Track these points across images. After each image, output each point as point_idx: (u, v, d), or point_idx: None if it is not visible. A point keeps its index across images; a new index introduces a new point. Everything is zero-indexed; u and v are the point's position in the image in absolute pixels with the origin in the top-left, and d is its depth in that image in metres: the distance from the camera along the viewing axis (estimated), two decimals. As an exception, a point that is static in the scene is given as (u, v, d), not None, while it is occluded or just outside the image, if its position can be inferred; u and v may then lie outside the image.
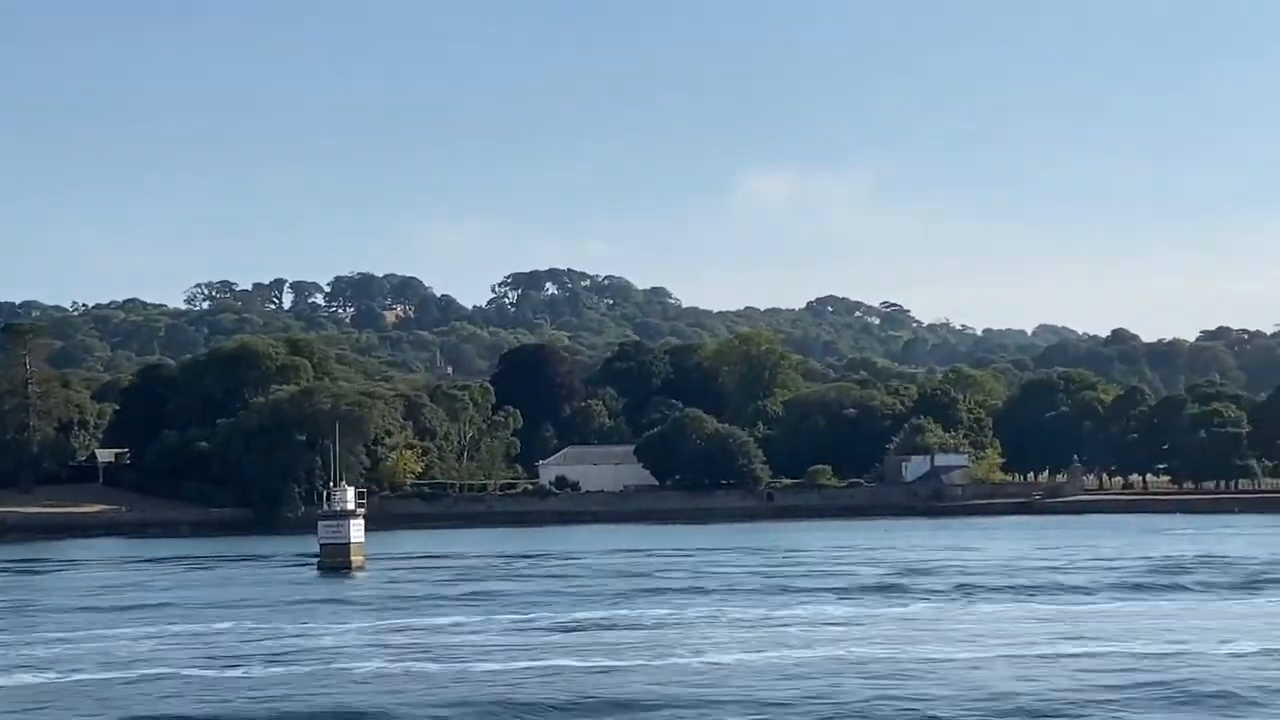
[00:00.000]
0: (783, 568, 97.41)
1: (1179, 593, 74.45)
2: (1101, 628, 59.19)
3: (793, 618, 64.75)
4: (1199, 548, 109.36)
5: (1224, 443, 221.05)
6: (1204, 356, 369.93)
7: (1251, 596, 71.92)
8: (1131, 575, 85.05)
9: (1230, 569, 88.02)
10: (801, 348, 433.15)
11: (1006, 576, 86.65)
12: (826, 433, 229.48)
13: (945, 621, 62.75)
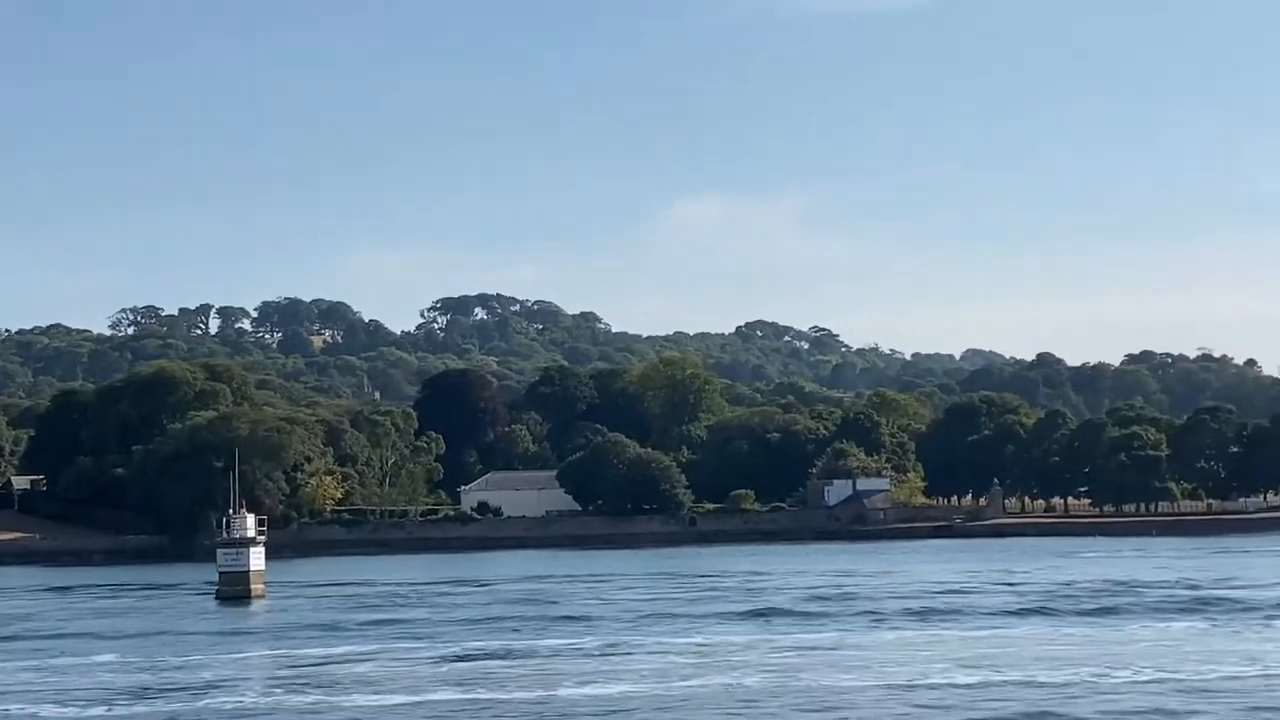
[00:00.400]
0: (694, 593, 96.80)
1: (1070, 618, 74.30)
2: (990, 654, 58.87)
3: (688, 646, 64.02)
4: (1103, 571, 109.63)
5: (1143, 466, 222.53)
6: (1127, 380, 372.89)
7: (1122, 623, 71.61)
8: (1035, 600, 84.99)
9: (1134, 593, 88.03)
10: (731, 373, 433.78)
11: (913, 601, 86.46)
12: (750, 457, 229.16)
13: (844, 649, 62.22)
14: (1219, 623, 69.96)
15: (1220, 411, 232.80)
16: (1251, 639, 62.52)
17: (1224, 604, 78.91)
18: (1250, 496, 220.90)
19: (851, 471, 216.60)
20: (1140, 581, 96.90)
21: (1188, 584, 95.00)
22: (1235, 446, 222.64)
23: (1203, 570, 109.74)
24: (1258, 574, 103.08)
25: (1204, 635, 65.04)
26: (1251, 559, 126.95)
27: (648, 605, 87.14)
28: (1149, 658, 55.88)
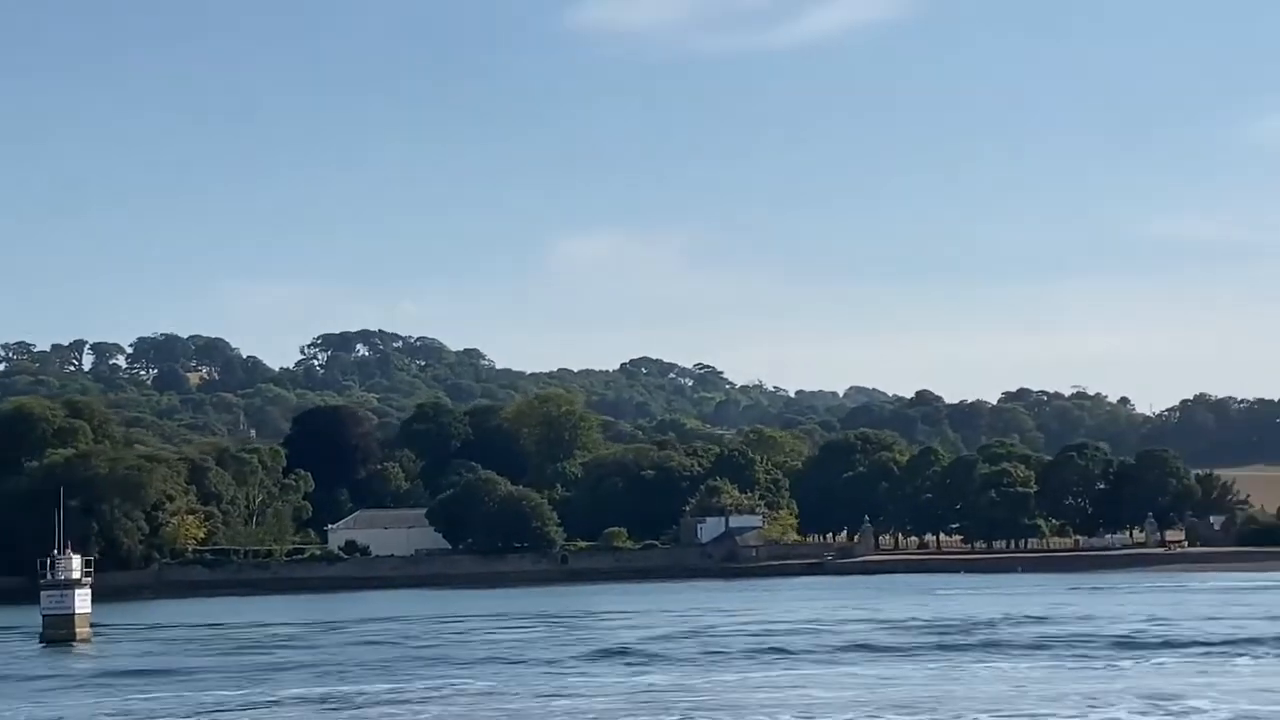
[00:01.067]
0: (536, 632, 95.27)
1: (905, 656, 73.63)
2: (812, 695, 57.86)
3: (521, 692, 61.95)
4: (952, 608, 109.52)
5: (1012, 503, 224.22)
6: (1004, 417, 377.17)
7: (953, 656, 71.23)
8: (879, 637, 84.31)
9: (975, 631, 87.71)
10: (614, 410, 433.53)
11: (757, 639, 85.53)
12: (624, 494, 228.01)
13: (676, 691, 60.73)
14: (1062, 660, 69.69)
15: (1087, 449, 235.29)
16: (1093, 678, 61.99)
17: (1070, 641, 78.60)
18: (1116, 533, 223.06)
19: (724, 509, 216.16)
20: (987, 619, 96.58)
21: (1038, 620, 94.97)
22: (1102, 483, 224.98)
23: (1056, 607, 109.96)
24: (1110, 610, 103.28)
25: (1048, 673, 64.36)
26: (1106, 596, 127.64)
27: (488, 649, 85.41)
28: (984, 699, 54.93)
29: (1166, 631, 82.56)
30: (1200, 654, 69.26)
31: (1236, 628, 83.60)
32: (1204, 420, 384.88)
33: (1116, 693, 54.52)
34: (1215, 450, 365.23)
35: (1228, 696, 51.51)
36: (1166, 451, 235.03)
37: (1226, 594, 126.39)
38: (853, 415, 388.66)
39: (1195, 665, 63.97)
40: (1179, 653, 70.45)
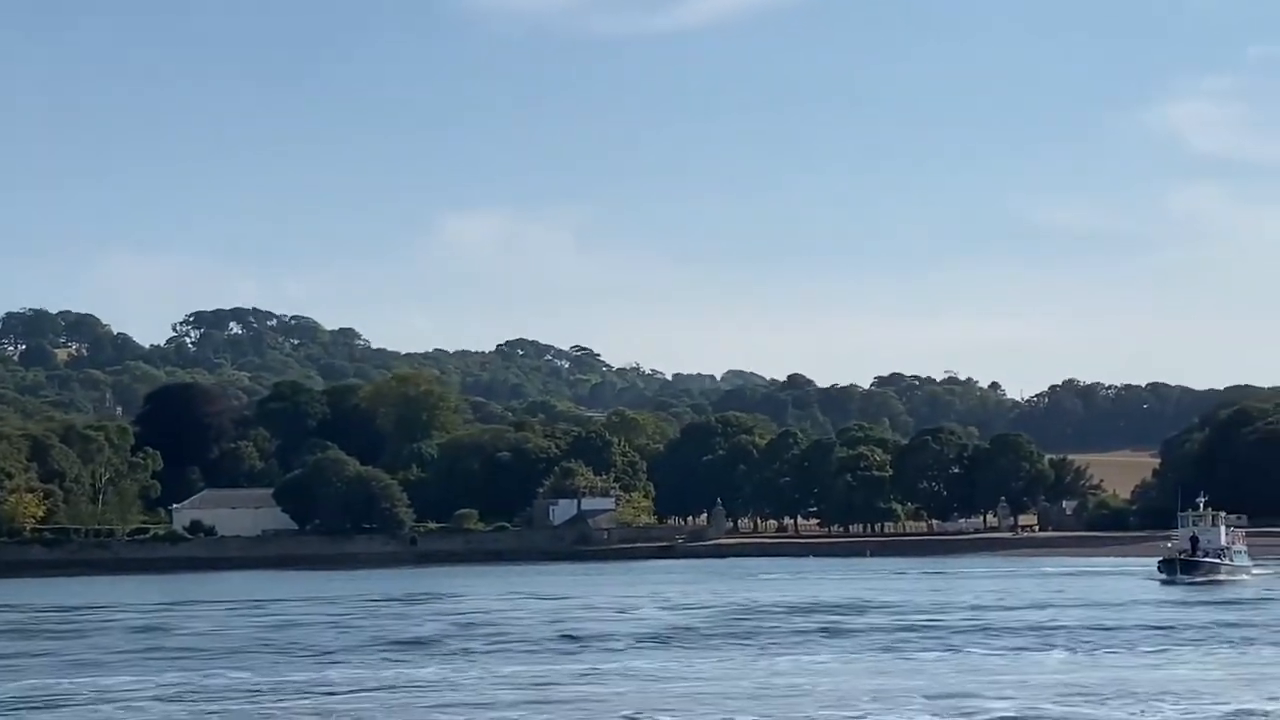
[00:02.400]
0: (333, 616, 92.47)
1: (695, 646, 70.39)
2: (586, 692, 54.84)
3: (286, 685, 57.53)
4: (770, 595, 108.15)
5: (868, 486, 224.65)
6: (875, 401, 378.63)
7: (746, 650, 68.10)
8: (683, 624, 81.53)
9: (790, 617, 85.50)
10: (489, 391, 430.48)
11: (548, 625, 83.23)
12: (480, 476, 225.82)
13: (444, 687, 56.79)
14: (861, 651, 65.49)
15: (942, 433, 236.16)
16: (888, 671, 56.75)
17: (877, 630, 75.55)
18: (970, 518, 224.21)
19: (577, 491, 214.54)
20: (804, 604, 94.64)
21: (853, 609, 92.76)
22: (956, 468, 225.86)
23: (877, 593, 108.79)
24: (934, 596, 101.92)
25: (842, 665, 59.05)
26: (937, 580, 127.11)
27: (251, 634, 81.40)
28: (755, 696, 49.64)
29: (985, 619, 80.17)
30: (1014, 645, 65.96)
31: (1058, 615, 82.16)
32: (1072, 406, 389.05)
33: (907, 690, 49.71)
34: (1082, 435, 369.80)
35: (1027, 693, 47.88)
36: (1020, 436, 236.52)
37: (1060, 579, 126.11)
38: (725, 399, 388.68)
39: (1004, 658, 60.26)
40: (990, 643, 67.11)
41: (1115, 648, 63.46)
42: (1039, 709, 44.89)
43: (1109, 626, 74.25)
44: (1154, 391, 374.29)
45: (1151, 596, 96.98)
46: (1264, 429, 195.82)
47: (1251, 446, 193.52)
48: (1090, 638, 68.01)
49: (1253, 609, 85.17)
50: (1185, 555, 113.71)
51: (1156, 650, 61.88)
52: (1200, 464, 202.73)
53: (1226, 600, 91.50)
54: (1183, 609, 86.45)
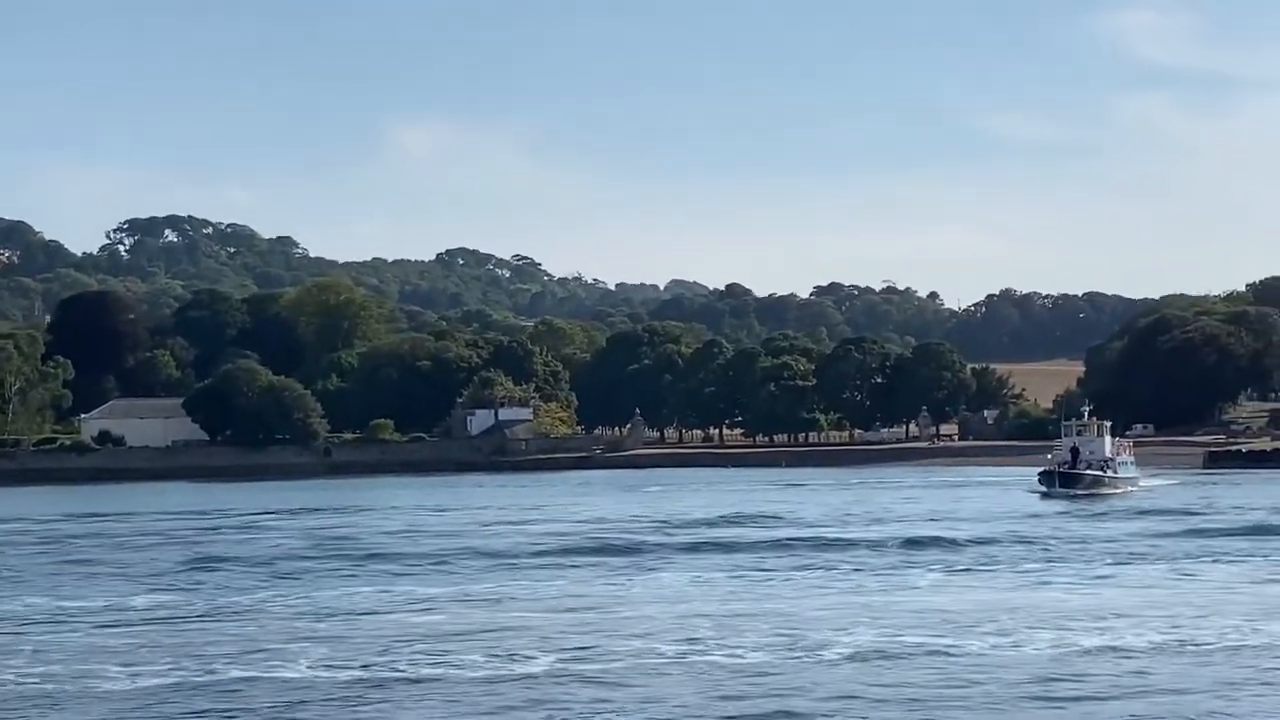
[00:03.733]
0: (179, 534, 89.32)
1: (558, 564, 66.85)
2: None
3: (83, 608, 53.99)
4: (658, 508, 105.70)
5: (791, 396, 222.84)
6: (812, 311, 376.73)
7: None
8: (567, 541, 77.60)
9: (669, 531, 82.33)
10: (428, 300, 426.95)
11: (408, 543, 79.86)
12: (399, 386, 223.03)
13: (252, 615, 53.07)
14: (720, 569, 60.82)
15: (865, 342, 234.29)
16: (739, 595, 50.45)
17: (744, 546, 70.85)
18: (892, 427, 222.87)
19: (495, 401, 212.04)
20: (694, 519, 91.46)
21: (732, 522, 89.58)
22: (879, 377, 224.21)
23: (765, 504, 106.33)
24: (817, 510, 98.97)
25: (697, 588, 52.71)
26: (833, 493, 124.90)
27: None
28: (595, 625, 43.32)
29: (859, 534, 75.88)
30: (888, 563, 60.92)
31: (931, 528, 78.42)
32: (1008, 315, 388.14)
33: (752, 617, 43.80)
34: (1018, 345, 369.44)
35: (882, 621, 42.56)
36: (943, 346, 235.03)
37: (955, 489, 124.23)
38: (662, 308, 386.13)
39: (872, 578, 54.63)
40: (857, 559, 62.65)
41: (982, 567, 59.15)
42: (895, 640, 39.27)
43: (982, 540, 71.12)
44: (1090, 301, 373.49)
45: (1028, 509, 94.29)
46: (1180, 337, 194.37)
47: (1167, 355, 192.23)
48: (960, 556, 63.85)
49: (1125, 521, 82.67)
50: (1065, 467, 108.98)
51: (1021, 571, 56.83)
52: (1119, 373, 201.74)
53: (1100, 514, 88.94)
54: (1060, 521, 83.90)
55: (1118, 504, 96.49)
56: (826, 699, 32.15)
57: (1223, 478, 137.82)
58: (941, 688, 33.14)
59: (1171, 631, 40.09)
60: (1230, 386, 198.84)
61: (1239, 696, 31.76)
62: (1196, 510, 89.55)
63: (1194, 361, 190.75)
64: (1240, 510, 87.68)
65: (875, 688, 33.20)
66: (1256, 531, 73.32)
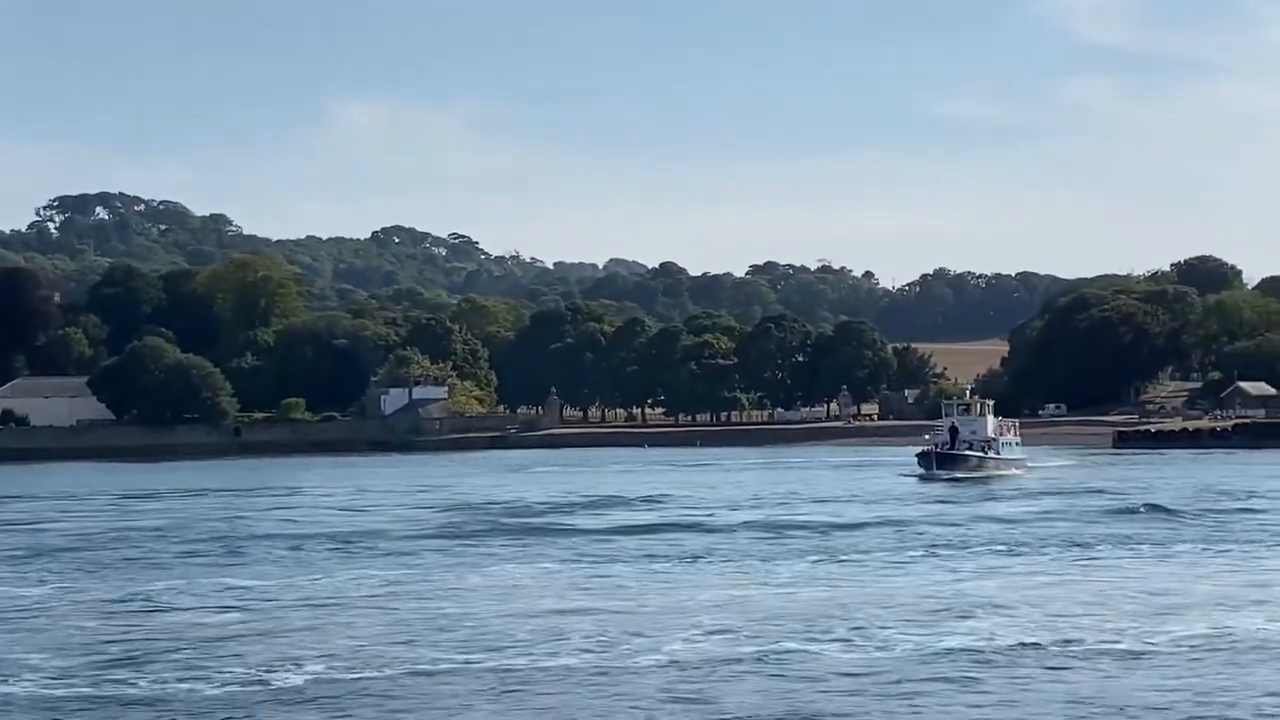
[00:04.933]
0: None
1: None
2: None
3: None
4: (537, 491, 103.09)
5: (712, 375, 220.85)
6: (746, 290, 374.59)
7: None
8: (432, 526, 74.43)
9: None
10: (362, 279, 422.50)
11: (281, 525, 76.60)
12: (315, 364, 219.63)
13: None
14: (545, 557, 57.42)
15: (786, 320, 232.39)
16: (538, 593, 44.60)
17: (577, 533, 67.88)
18: (813, 406, 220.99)
19: (410, 379, 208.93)
20: (563, 501, 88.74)
21: (602, 503, 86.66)
22: (800, 356, 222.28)
23: (651, 486, 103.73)
24: (698, 493, 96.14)
25: (538, 576, 48.63)
26: (734, 474, 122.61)
27: None
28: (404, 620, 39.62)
29: (733, 518, 72.69)
30: (747, 550, 55.93)
31: (802, 511, 75.56)
32: (943, 295, 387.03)
33: (581, 615, 39.14)
34: (953, 324, 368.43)
35: (719, 619, 38.02)
36: (864, 324, 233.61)
37: (860, 470, 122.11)
38: (596, 287, 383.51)
39: (725, 567, 50.43)
40: (718, 546, 58.86)
41: (848, 555, 54.97)
42: (729, 646, 34.43)
43: (847, 524, 68.04)
44: (1024, 281, 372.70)
45: (903, 491, 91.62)
46: (1096, 316, 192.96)
47: (1084, 334, 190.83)
48: (827, 542, 59.67)
49: (1004, 504, 79.69)
50: (943, 448, 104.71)
51: (886, 561, 51.82)
52: (1038, 352, 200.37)
53: (978, 497, 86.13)
54: (934, 506, 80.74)
55: (998, 487, 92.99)
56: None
57: (1125, 458, 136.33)
58: (765, 700, 28.70)
59: (1007, 629, 36.14)
60: (1147, 366, 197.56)
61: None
62: (1082, 491, 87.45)
63: (1110, 341, 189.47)
64: (1124, 494, 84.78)
65: (694, 706, 28.38)
66: (1130, 514, 70.92)
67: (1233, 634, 35.24)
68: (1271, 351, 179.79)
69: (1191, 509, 72.91)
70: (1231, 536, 59.50)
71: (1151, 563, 51.00)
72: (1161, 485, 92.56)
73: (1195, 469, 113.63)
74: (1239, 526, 63.89)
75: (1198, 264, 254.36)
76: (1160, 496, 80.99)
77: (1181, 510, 72.11)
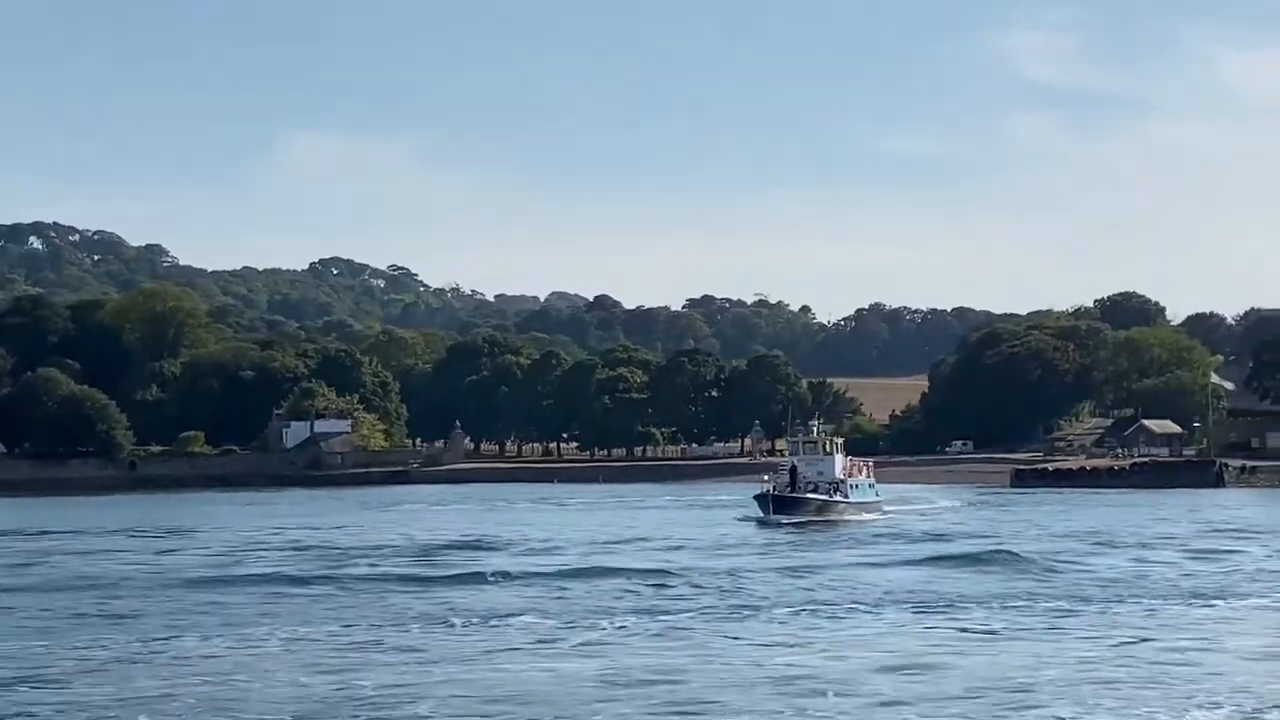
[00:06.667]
0: None
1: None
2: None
3: None
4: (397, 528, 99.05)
5: (625, 409, 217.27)
6: (681, 324, 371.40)
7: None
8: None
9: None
10: (296, 311, 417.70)
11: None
12: (220, 396, 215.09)
13: None
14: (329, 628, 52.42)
15: (699, 354, 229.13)
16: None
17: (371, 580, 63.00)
18: (727, 441, 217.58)
19: (312, 413, 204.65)
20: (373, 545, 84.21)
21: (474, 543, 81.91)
22: (714, 390, 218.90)
23: (520, 526, 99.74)
24: (554, 532, 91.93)
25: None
26: (606, 512, 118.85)
27: None
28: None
29: (553, 563, 67.88)
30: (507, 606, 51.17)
31: (627, 557, 70.44)
32: (877, 329, 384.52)
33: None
34: (887, 358, 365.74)
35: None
36: (778, 358, 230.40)
37: (725, 509, 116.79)
38: (531, 319, 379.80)
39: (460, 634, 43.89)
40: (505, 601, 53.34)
41: (657, 616, 46.83)
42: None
43: (657, 571, 62.70)
44: (958, 316, 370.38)
45: (737, 538, 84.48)
46: (1006, 352, 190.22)
47: (993, 370, 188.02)
48: (644, 602, 53.41)
49: (834, 553, 73.79)
50: (781, 491, 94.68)
51: (666, 625, 44.31)
52: (951, 388, 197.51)
53: (806, 545, 79.20)
54: (758, 557, 73.33)
55: (840, 533, 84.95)
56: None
57: (1016, 498, 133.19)
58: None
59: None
60: (1057, 402, 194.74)
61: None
62: (936, 537, 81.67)
63: (1019, 377, 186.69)
64: (987, 538, 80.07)
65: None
66: (978, 562, 66.15)
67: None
68: (1180, 388, 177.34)
69: (1045, 558, 67.88)
70: (1078, 592, 53.65)
71: (974, 624, 45.48)
72: (1032, 529, 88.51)
73: (1078, 510, 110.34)
74: (1088, 579, 58.68)
75: (1121, 300, 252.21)
76: (1020, 543, 76.85)
77: (1032, 560, 67.29)
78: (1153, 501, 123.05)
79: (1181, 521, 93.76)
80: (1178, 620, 45.53)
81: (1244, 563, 64.62)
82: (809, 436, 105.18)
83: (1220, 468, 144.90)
